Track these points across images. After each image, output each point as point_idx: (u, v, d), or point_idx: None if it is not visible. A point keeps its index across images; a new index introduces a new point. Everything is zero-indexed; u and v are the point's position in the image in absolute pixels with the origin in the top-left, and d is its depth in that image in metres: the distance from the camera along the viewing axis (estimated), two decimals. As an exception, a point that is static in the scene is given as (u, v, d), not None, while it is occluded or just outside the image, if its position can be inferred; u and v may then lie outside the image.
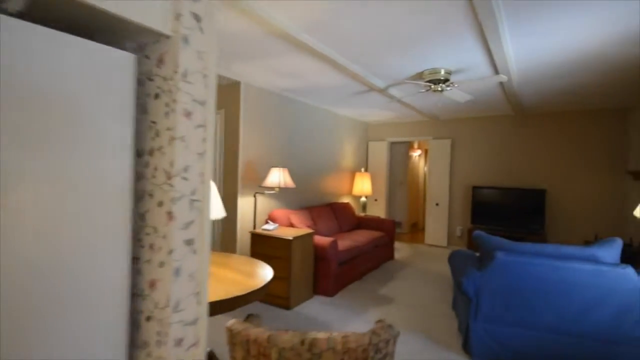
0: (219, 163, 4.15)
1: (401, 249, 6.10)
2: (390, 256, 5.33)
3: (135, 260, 1.10)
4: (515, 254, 2.41)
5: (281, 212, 4.17)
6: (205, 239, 1.12)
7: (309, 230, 3.68)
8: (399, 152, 7.82)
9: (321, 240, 3.74)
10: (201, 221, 1.11)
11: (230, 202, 4.05)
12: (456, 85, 3.41)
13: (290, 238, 3.32)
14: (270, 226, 3.65)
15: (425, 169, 8.73)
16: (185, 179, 1.05)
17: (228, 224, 4.07)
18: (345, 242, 4.21)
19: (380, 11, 2.31)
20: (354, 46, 2.91)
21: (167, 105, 1.04)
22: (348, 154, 6.39)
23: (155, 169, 1.06)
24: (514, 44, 2.80)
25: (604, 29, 2.51)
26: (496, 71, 3.35)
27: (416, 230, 8.26)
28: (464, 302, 2.70)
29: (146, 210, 1.08)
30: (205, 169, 1.12)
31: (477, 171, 5.98)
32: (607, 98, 4.47)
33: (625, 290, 2.20)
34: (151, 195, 1.07)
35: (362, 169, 6.52)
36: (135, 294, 1.10)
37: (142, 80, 1.10)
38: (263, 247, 3.49)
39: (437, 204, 6.34)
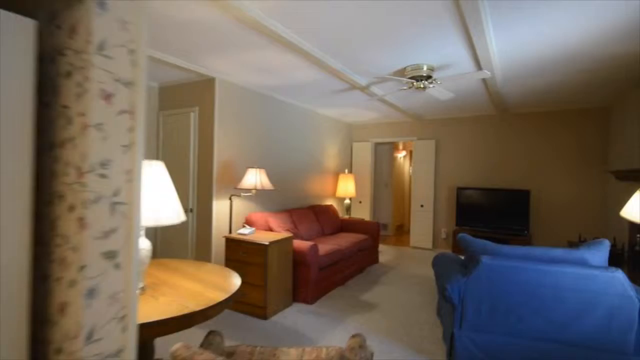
0: (193, 164, 3.92)
1: (386, 252, 5.96)
2: (374, 260, 5.18)
3: (44, 278, 0.89)
4: (502, 258, 2.27)
5: (259, 215, 3.96)
6: (132, 251, 0.92)
7: (288, 234, 3.49)
8: (384, 153, 7.71)
9: (301, 244, 3.55)
10: (127, 229, 0.90)
11: (204, 206, 3.82)
12: (439, 82, 3.29)
13: (266, 243, 3.11)
14: (246, 230, 3.44)
15: (410, 170, 8.65)
16: (103, 176, 0.85)
17: (202, 229, 3.83)
18: (327, 246, 4.03)
19: (358, 3, 2.15)
20: (332, 39, 2.74)
21: (79, 84, 0.84)
22: (331, 155, 6.22)
23: (67, 164, 0.85)
24: (497, 37, 2.68)
25: (588, 24, 2.42)
26: (480, 67, 3.24)
27: (402, 232, 8.15)
28: (449, 309, 2.55)
29: (57, 217, 0.88)
30: (133, 166, 0.92)
31: (462, 172, 5.90)
32: (589, 97, 4.44)
33: (615, 295, 2.09)
34: (61, 198, 0.86)
35: (346, 171, 6.37)
36: (44, 320, 0.88)
37: (53, 55, 0.89)
38: (238, 253, 3.28)
39: (422, 206, 6.24)
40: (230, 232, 3.66)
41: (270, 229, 3.88)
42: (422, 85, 3.33)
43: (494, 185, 5.60)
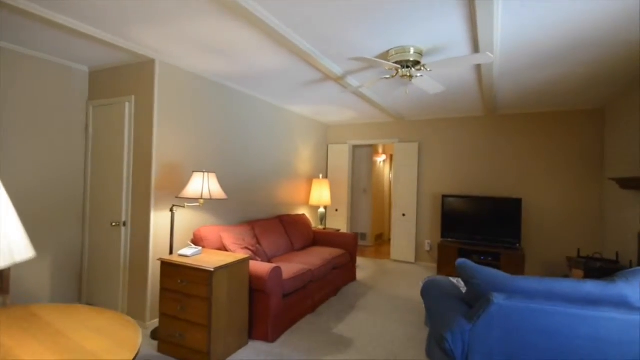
0: (127, 166, 3.15)
1: (365, 267, 5.33)
2: (351, 277, 4.54)
3: None
4: (520, 297, 1.68)
5: (211, 230, 3.23)
6: None
7: (243, 255, 2.78)
8: (363, 157, 7.13)
9: (259, 267, 2.85)
10: None
11: (141, 218, 3.06)
12: (429, 70, 2.70)
13: (211, 269, 2.40)
14: (189, 250, 2.71)
15: (391, 175, 8.12)
16: None
17: (138, 248, 3.06)
18: (294, 267, 3.35)
19: None
20: (299, 12, 2.09)
21: None
22: (304, 159, 5.56)
23: None
24: (505, 17, 2.13)
25: (603, 9, 1.92)
26: (477, 52, 2.69)
27: (381, 242, 7.58)
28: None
29: None
30: None
31: (447, 178, 5.39)
32: (584, 97, 4.01)
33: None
34: None
35: (320, 176, 5.73)
36: None
37: None
38: (175, 281, 2.54)
39: (403, 215, 5.67)
40: (171, 252, 2.92)
41: (224, 247, 3.16)
42: (408, 74, 2.73)
43: (482, 193, 5.11)
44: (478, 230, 4.86)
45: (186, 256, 2.66)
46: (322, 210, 5.40)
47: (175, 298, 2.54)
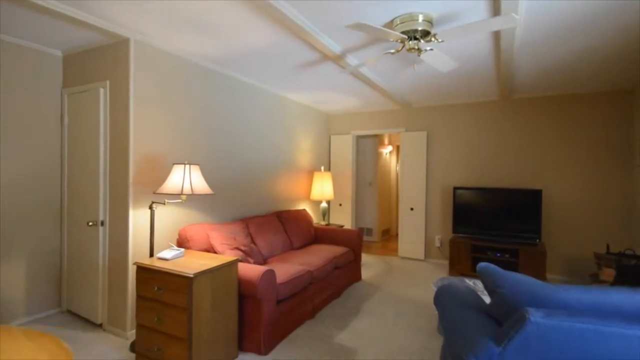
0: (104, 159, 2.84)
1: (370, 265, 5.00)
2: (356, 277, 4.21)
3: None
4: (563, 314, 1.32)
5: (198, 229, 2.92)
6: None
7: (230, 258, 2.46)
8: (367, 148, 6.76)
9: (249, 271, 2.53)
10: None
11: (119, 218, 2.75)
12: (440, 41, 2.32)
13: (190, 275, 2.08)
14: (169, 253, 2.40)
15: (398, 167, 7.73)
16: None
17: (117, 250, 2.77)
18: (291, 268, 3.02)
19: None
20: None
21: None
22: (304, 150, 5.21)
23: None
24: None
25: None
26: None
27: (388, 237, 7.23)
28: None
29: None
30: None
31: (459, 169, 5.00)
32: (612, 76, 3.57)
33: None
34: None
35: (322, 168, 5.38)
36: None
37: None
38: (152, 289, 2.23)
39: (411, 209, 5.31)
40: (151, 254, 2.61)
41: (211, 249, 2.85)
42: (416, 47, 2.36)
43: (497, 184, 4.72)
44: (493, 224, 4.48)
45: (165, 259, 2.35)
46: (324, 205, 5.06)
47: (151, 307, 2.23)
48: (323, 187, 4.99)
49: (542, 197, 4.38)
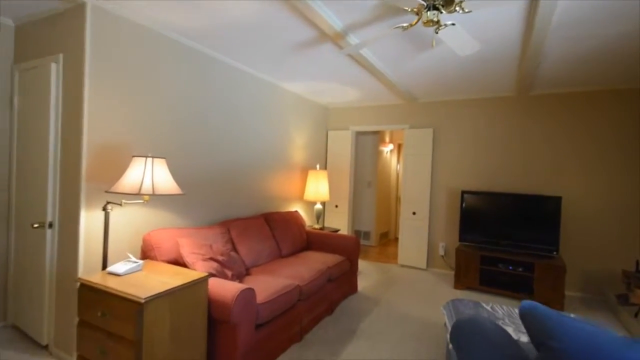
0: (54, 148, 2.37)
1: (368, 273, 4.56)
2: (351, 289, 3.76)
3: None
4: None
5: (166, 235, 2.46)
6: None
7: (197, 274, 2.00)
8: (367, 146, 6.31)
9: (223, 289, 2.07)
10: None
11: (69, 220, 2.28)
12: (467, 11, 1.87)
13: (141, 299, 1.62)
14: (124, 266, 1.94)
15: (398, 167, 7.29)
16: None
17: (67, 259, 2.30)
18: (276, 282, 2.57)
19: None
20: None
21: None
22: (299, 146, 4.75)
23: None
24: None
25: None
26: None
27: (387, 241, 6.79)
28: None
29: None
30: None
31: (468, 171, 4.56)
32: (655, 69, 3.15)
33: None
34: None
35: (318, 166, 4.92)
36: None
37: None
38: (95, 313, 1.77)
39: (414, 213, 4.87)
40: (104, 266, 2.14)
41: (180, 260, 2.39)
42: (435, 18, 1.90)
43: (510, 190, 4.28)
44: (505, 233, 4.04)
45: (117, 275, 1.89)
46: (318, 206, 4.60)
47: (94, 337, 1.77)
48: (318, 187, 4.54)
49: (562, 206, 3.94)
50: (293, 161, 4.61)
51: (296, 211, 4.19)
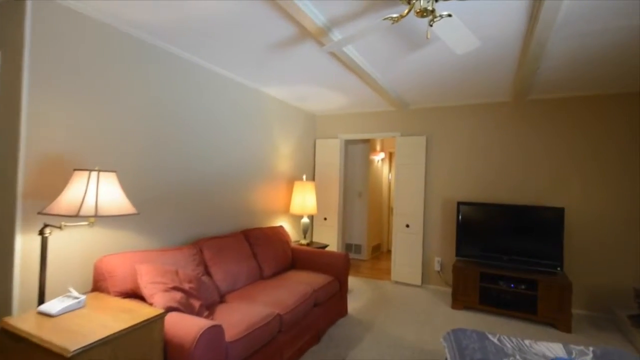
0: (-11, 162, 2.01)
1: (359, 292, 4.23)
2: (341, 312, 3.43)
3: None
4: None
5: (121, 261, 2.11)
6: None
7: (153, 311, 1.66)
8: (357, 155, 6.04)
9: (183, 328, 1.73)
10: None
11: (2, 246, 1.92)
12: (466, -1, 1.61)
13: (68, 352, 1.27)
14: (61, 303, 1.59)
15: (390, 177, 7.03)
16: None
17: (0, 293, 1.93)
18: (252, 312, 2.23)
19: None
20: None
21: None
22: (284, 155, 4.44)
23: None
24: None
25: None
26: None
27: (379, 254, 6.48)
28: None
29: None
30: None
31: (464, 181, 4.30)
32: (661, 71, 2.95)
33: None
34: None
35: (304, 177, 4.61)
36: None
37: None
38: (17, 365, 1.42)
39: (407, 226, 4.58)
40: (40, 301, 1.78)
41: (137, 291, 2.03)
42: (430, 7, 1.64)
43: (509, 201, 4.03)
44: (504, 247, 3.77)
45: (49, 316, 1.54)
46: (305, 220, 4.28)
47: (12, 398, 1.41)
48: (304, 200, 4.22)
49: (565, 218, 3.69)
50: (278, 172, 4.29)
51: (281, 226, 3.86)
